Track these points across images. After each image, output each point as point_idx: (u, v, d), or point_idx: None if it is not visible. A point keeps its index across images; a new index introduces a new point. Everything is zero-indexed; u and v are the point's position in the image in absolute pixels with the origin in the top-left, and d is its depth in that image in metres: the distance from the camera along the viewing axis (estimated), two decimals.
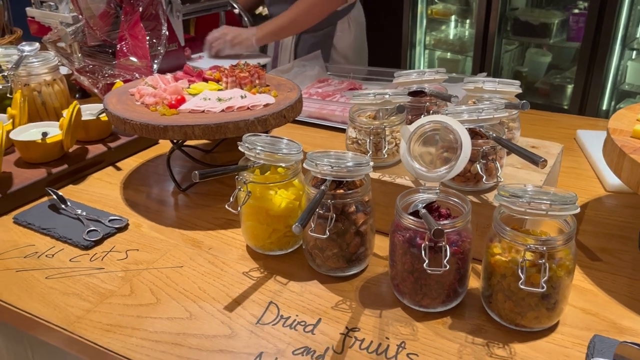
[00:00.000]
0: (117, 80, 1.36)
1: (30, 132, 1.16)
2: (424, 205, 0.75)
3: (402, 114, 0.93)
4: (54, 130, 1.14)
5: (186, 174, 1.20)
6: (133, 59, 1.38)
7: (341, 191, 0.80)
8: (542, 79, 3.07)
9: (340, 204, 0.79)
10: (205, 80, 1.16)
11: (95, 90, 1.43)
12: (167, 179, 1.16)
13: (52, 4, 1.53)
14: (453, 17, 3.40)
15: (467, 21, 3.37)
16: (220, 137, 0.97)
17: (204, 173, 0.79)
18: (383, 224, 0.89)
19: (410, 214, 0.74)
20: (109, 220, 0.99)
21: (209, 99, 1.04)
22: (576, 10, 2.89)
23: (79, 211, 1.01)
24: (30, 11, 1.64)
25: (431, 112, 0.99)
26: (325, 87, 1.57)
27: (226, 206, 0.84)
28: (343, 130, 1.38)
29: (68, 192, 1.11)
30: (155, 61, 1.39)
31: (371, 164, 0.80)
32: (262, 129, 0.99)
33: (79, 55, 1.40)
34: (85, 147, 1.22)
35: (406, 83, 1.02)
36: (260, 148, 0.83)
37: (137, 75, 1.39)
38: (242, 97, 1.05)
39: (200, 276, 0.86)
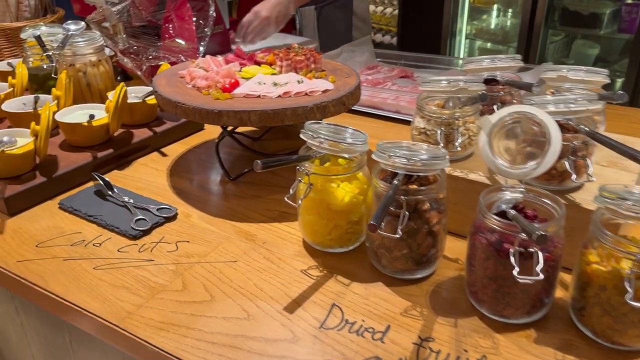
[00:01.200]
0: (162, 62, 1.31)
1: (75, 114, 1.11)
2: (510, 205, 0.68)
3: (478, 104, 0.85)
4: (100, 113, 1.09)
5: (233, 161, 1.14)
6: (179, 40, 1.33)
7: (414, 186, 0.73)
8: None
9: (414, 200, 0.72)
10: (258, 63, 1.10)
11: (139, 73, 1.38)
12: (214, 167, 1.11)
13: None
14: (495, 6, 3.27)
15: (510, 10, 3.23)
16: (276, 124, 0.91)
17: (266, 162, 0.73)
18: (452, 223, 0.82)
19: (495, 214, 0.66)
20: (157, 209, 0.94)
21: (264, 83, 0.98)
22: (630, 0, 2.75)
23: (126, 198, 0.96)
24: None
25: (513, 101, 0.90)
26: (375, 74, 1.50)
27: (285, 199, 0.78)
28: (396, 120, 1.31)
29: (113, 177, 1.06)
30: (202, 43, 1.33)
31: (448, 157, 0.73)
32: (321, 116, 0.93)
33: (124, 36, 1.35)
34: (130, 131, 1.17)
35: (478, 70, 0.94)
36: (324, 137, 0.77)
37: (182, 57, 1.33)
38: (298, 82, 0.98)
39: (256, 272, 0.80)
